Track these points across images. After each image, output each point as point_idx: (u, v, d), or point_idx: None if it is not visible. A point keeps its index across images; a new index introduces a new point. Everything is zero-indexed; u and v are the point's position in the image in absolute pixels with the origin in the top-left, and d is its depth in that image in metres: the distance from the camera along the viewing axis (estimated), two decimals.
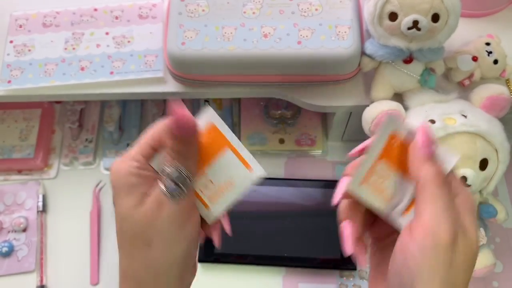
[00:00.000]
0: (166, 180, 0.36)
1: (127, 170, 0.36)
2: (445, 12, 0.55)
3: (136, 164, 0.37)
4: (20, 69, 0.66)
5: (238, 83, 0.63)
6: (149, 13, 0.69)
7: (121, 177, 0.37)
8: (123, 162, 0.37)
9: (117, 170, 0.37)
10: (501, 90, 0.59)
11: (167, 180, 0.36)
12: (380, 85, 0.61)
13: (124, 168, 0.37)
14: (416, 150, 0.36)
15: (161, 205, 0.36)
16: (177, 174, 0.36)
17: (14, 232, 0.70)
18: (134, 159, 0.37)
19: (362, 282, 0.65)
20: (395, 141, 0.36)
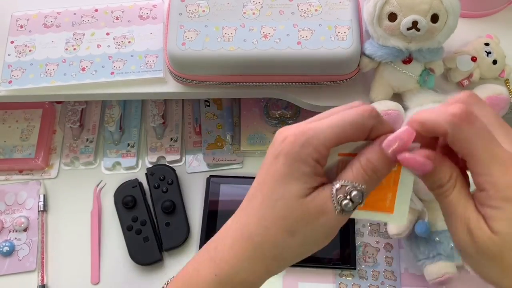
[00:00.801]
0: (343, 193, 0.34)
1: (306, 159, 0.34)
2: (444, 13, 0.55)
3: (316, 155, 0.34)
4: (21, 69, 0.66)
5: (238, 83, 0.63)
6: (149, 14, 0.70)
7: (298, 160, 0.34)
8: (304, 146, 0.34)
9: (296, 148, 0.34)
10: (500, 90, 0.59)
11: (343, 194, 0.34)
12: (379, 86, 0.61)
13: (304, 153, 0.34)
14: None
15: (323, 213, 0.35)
16: (356, 194, 0.34)
17: (15, 231, 0.70)
18: (317, 150, 0.34)
19: (362, 281, 0.66)
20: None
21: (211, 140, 0.75)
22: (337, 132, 0.34)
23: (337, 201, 0.34)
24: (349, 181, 0.34)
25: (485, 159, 0.32)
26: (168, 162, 0.75)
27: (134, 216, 0.69)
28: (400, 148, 0.34)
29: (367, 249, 0.68)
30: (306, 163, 0.34)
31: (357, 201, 0.34)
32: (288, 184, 0.35)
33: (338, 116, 0.35)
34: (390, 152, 0.34)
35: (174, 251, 0.68)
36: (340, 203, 0.34)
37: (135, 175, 0.73)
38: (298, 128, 0.35)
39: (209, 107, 0.78)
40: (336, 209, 0.34)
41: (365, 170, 0.35)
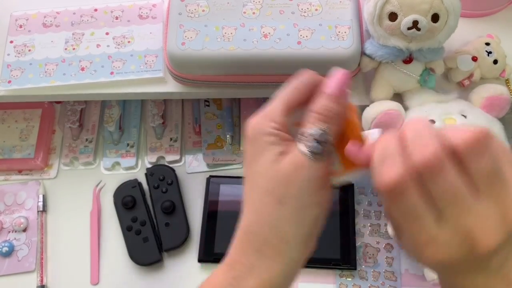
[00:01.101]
0: (308, 140, 0.36)
1: (266, 130, 0.37)
2: (444, 12, 0.55)
3: (274, 125, 0.37)
4: (20, 69, 0.66)
5: (238, 83, 0.63)
6: (149, 14, 0.70)
7: (261, 135, 0.37)
8: (261, 123, 0.37)
9: (256, 129, 0.37)
10: (501, 90, 0.59)
11: (309, 140, 0.36)
12: (380, 85, 0.61)
13: (263, 127, 0.37)
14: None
15: (299, 167, 0.35)
16: (320, 134, 0.35)
17: (14, 232, 0.70)
18: (273, 120, 0.37)
19: (362, 282, 0.65)
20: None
21: (211, 140, 0.75)
22: (285, 98, 0.38)
23: (305, 148, 0.35)
24: (308, 127, 0.36)
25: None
26: (167, 162, 0.74)
27: (134, 216, 0.69)
28: (337, 87, 0.36)
29: (367, 249, 0.67)
30: (268, 134, 0.36)
31: (323, 139, 0.35)
32: (259, 159, 0.37)
33: (284, 88, 0.39)
34: (329, 90, 0.36)
35: (173, 252, 0.68)
36: (308, 148, 0.35)
37: (135, 175, 0.73)
38: (258, 112, 0.38)
39: (209, 107, 0.77)
40: (307, 155, 0.35)
41: (319, 113, 0.36)
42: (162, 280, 0.67)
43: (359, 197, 0.71)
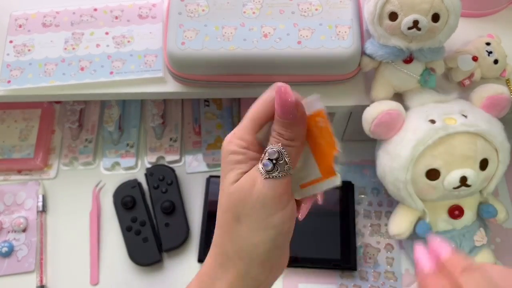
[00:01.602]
0: (263, 158, 0.36)
1: (233, 149, 0.37)
2: (445, 12, 0.55)
3: (242, 143, 0.37)
4: (19, 69, 0.66)
5: (238, 83, 0.63)
6: (149, 13, 0.69)
7: (228, 154, 0.38)
8: (231, 141, 0.38)
9: (226, 148, 0.38)
10: (502, 90, 0.59)
11: (264, 158, 0.36)
12: (380, 85, 0.61)
13: (230, 146, 0.38)
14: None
15: (253, 185, 0.36)
16: (275, 156, 0.36)
17: (14, 232, 0.70)
18: (241, 138, 0.37)
19: (362, 282, 0.65)
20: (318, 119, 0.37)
21: (211, 140, 0.75)
22: (254, 115, 0.38)
23: (261, 167, 0.36)
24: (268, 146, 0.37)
25: None
26: (167, 162, 0.74)
27: (134, 216, 0.69)
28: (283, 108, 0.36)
29: (367, 249, 0.67)
30: (235, 153, 0.37)
31: (274, 157, 0.36)
32: (226, 177, 0.38)
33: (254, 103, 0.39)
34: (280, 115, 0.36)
35: (173, 252, 0.68)
36: (262, 166, 0.36)
37: (135, 175, 0.73)
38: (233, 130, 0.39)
39: (208, 107, 0.77)
40: (261, 174, 0.36)
41: (273, 136, 0.37)
42: (162, 280, 0.67)
43: (359, 197, 0.71)
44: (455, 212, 0.61)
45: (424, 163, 0.57)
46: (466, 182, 0.56)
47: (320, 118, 0.36)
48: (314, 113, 0.37)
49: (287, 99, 0.36)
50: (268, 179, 0.36)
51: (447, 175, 0.56)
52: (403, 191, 0.59)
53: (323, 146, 0.37)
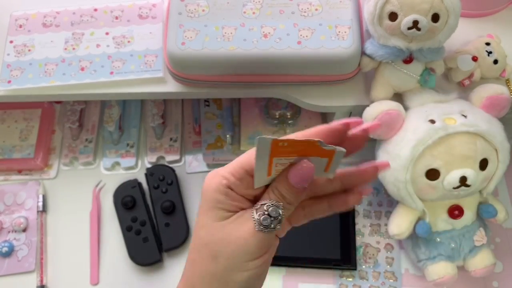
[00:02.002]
0: (263, 213, 0.36)
1: (216, 187, 0.37)
2: (445, 12, 0.55)
3: (225, 182, 0.37)
4: (20, 69, 0.66)
5: (238, 83, 0.63)
6: (149, 13, 0.69)
7: (210, 191, 0.37)
8: (214, 178, 0.37)
9: (207, 184, 0.38)
10: (501, 90, 0.59)
11: (264, 214, 0.36)
12: (380, 85, 0.61)
13: (214, 184, 0.37)
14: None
15: (243, 230, 0.36)
16: (275, 214, 0.36)
17: (14, 232, 0.70)
18: (224, 177, 0.37)
19: (362, 282, 0.65)
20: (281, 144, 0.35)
21: (211, 140, 0.75)
22: (242, 160, 0.37)
23: (257, 219, 0.36)
24: (266, 201, 0.37)
25: None
26: (167, 162, 0.74)
27: (134, 216, 0.69)
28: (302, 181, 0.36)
29: (367, 249, 0.67)
30: (218, 191, 0.37)
31: (275, 215, 0.36)
32: (207, 213, 0.37)
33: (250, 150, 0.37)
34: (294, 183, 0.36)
35: (173, 252, 0.68)
36: (259, 219, 0.36)
37: (135, 175, 0.73)
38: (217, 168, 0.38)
39: (209, 107, 0.77)
40: (256, 225, 0.36)
41: (277, 196, 0.37)
42: (162, 280, 0.67)
43: None
44: (455, 212, 0.61)
45: (424, 163, 0.57)
46: (466, 182, 0.56)
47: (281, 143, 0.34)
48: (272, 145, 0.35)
49: (310, 175, 0.36)
50: (260, 232, 0.36)
51: (447, 175, 0.56)
52: (403, 191, 0.59)
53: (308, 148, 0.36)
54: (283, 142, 0.34)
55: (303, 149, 0.35)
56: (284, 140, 0.34)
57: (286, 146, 0.35)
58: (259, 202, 0.37)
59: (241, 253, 0.36)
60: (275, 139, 0.34)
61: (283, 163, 0.36)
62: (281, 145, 0.34)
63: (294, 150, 0.36)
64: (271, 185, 0.37)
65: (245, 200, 0.38)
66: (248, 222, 0.36)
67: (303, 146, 0.35)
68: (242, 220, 0.37)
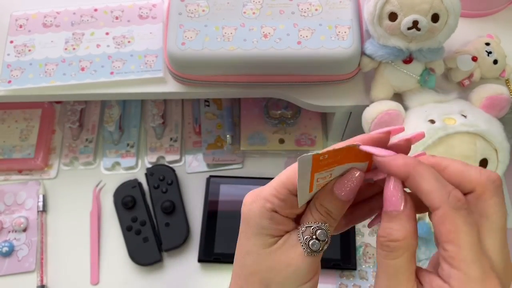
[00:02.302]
0: (310, 236, 0.35)
1: (259, 212, 0.35)
2: (445, 12, 0.55)
3: (269, 206, 0.35)
4: (20, 69, 0.66)
5: (238, 83, 0.63)
6: (149, 13, 0.70)
7: (253, 216, 0.35)
8: (255, 201, 0.36)
9: (248, 208, 0.36)
10: (501, 90, 0.59)
11: (312, 238, 0.35)
12: (380, 85, 0.61)
13: (257, 208, 0.35)
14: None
15: (292, 255, 0.35)
16: (324, 238, 0.35)
17: (14, 232, 0.70)
18: (268, 200, 0.35)
19: (362, 282, 0.65)
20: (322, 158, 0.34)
21: (211, 140, 0.75)
22: (283, 180, 0.35)
23: (304, 243, 0.35)
24: (311, 222, 0.35)
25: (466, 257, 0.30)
26: (167, 162, 0.74)
27: (134, 216, 0.69)
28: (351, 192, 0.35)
29: (367, 249, 0.67)
30: (262, 217, 0.35)
31: (323, 239, 0.35)
32: (251, 240, 0.36)
33: (289, 167, 0.36)
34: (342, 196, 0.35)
35: (173, 252, 0.68)
36: (307, 244, 0.35)
37: (135, 175, 0.73)
38: (257, 188, 0.36)
39: (209, 107, 0.77)
40: (306, 250, 0.35)
41: (321, 213, 0.35)
42: (162, 280, 0.67)
43: None
44: None
45: None
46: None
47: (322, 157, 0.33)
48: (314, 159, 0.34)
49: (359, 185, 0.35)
50: (309, 256, 0.35)
51: None
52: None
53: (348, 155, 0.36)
54: (323, 155, 0.33)
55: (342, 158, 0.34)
56: (325, 153, 0.33)
57: (327, 159, 0.34)
58: (304, 224, 0.36)
59: (293, 280, 0.36)
60: (316, 154, 0.33)
61: (323, 177, 0.35)
62: (322, 158, 0.34)
63: (334, 161, 0.34)
64: (314, 202, 0.36)
65: (289, 221, 0.36)
66: (296, 248, 0.35)
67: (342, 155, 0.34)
68: (289, 246, 0.35)
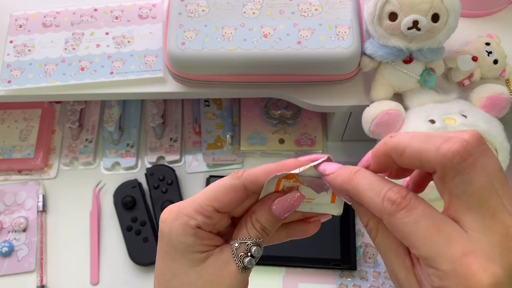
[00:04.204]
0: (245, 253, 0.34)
1: (182, 229, 0.33)
2: (445, 12, 0.55)
3: (193, 223, 0.33)
4: (20, 69, 0.66)
5: (238, 83, 0.63)
6: (149, 13, 0.69)
7: (175, 234, 0.33)
8: (177, 218, 0.34)
9: (169, 226, 0.34)
10: (501, 90, 0.59)
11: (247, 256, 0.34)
12: (380, 85, 0.61)
13: (179, 225, 0.33)
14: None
15: (225, 273, 0.34)
16: (257, 252, 0.34)
17: (14, 232, 0.70)
18: (191, 217, 0.33)
19: (362, 282, 0.65)
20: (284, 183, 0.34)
21: (211, 140, 0.75)
22: (211, 196, 0.34)
23: (239, 260, 0.34)
24: (246, 238, 0.34)
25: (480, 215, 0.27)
26: (167, 162, 0.74)
27: (134, 216, 0.69)
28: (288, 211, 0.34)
29: (367, 249, 0.67)
30: (185, 234, 0.33)
31: (258, 255, 0.34)
32: (177, 259, 0.34)
33: (213, 183, 0.34)
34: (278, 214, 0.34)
35: None
36: (242, 261, 0.34)
37: (135, 175, 0.73)
38: (175, 204, 0.35)
39: (209, 107, 0.77)
40: (240, 267, 0.34)
41: (256, 229, 0.34)
42: None
43: None
44: None
45: None
46: None
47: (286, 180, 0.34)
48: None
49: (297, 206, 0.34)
50: (243, 273, 0.34)
51: None
52: None
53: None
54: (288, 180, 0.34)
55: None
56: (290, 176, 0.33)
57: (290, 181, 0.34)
58: (237, 239, 0.34)
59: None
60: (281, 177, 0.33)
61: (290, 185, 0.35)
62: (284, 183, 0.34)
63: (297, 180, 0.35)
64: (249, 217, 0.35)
65: (214, 235, 0.35)
66: (229, 265, 0.34)
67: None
68: (221, 262, 0.34)
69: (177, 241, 0.33)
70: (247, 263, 0.34)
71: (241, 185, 0.34)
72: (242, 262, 0.34)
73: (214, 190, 0.34)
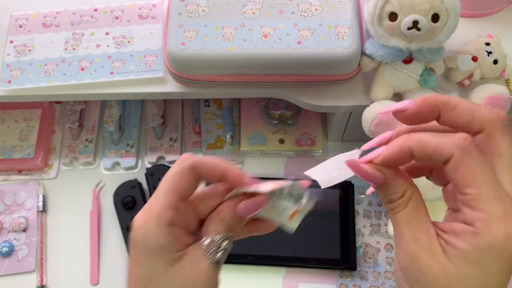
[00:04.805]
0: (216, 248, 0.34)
1: (157, 229, 0.33)
2: (445, 12, 0.55)
3: (164, 220, 0.33)
4: (20, 69, 0.66)
5: (238, 83, 0.63)
6: (149, 13, 0.69)
7: (150, 237, 0.33)
8: (148, 221, 0.33)
9: (144, 231, 0.33)
10: (501, 90, 0.59)
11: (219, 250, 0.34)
12: (380, 85, 0.61)
13: (153, 227, 0.33)
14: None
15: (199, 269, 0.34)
16: (228, 244, 0.35)
17: (14, 232, 0.70)
18: (162, 215, 0.33)
19: (362, 282, 0.65)
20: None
21: (211, 140, 0.75)
22: (169, 187, 0.34)
23: (210, 256, 0.34)
24: (215, 234, 0.35)
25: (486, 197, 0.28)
26: (167, 162, 0.74)
27: (134, 216, 0.68)
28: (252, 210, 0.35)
29: (367, 249, 0.67)
30: (159, 234, 0.33)
31: (229, 249, 0.35)
32: (154, 262, 0.34)
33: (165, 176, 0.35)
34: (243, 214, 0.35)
35: None
36: (214, 256, 0.34)
37: (135, 175, 0.73)
38: (140, 211, 0.35)
39: (209, 107, 0.77)
40: (212, 263, 0.34)
41: (226, 228, 0.35)
42: None
43: (359, 197, 0.71)
44: None
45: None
46: None
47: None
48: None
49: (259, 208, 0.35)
50: (214, 268, 0.35)
51: None
52: None
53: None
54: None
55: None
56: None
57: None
58: (207, 237, 0.35)
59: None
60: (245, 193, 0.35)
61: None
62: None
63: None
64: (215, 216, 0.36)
65: (186, 233, 0.35)
66: (201, 261, 0.34)
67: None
68: (195, 260, 0.34)
69: (153, 242, 0.33)
70: (218, 257, 0.34)
71: (190, 167, 0.34)
72: (214, 257, 0.34)
73: (169, 181, 0.34)
